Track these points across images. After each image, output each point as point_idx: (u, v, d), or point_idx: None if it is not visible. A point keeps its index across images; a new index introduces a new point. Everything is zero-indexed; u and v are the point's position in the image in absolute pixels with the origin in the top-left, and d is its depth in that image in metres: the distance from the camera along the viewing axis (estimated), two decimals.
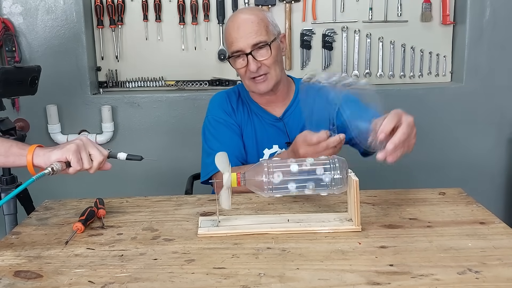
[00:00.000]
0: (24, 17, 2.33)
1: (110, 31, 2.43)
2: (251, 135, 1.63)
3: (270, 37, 1.52)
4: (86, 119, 2.42)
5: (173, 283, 0.92)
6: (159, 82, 2.48)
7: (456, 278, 0.91)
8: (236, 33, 1.51)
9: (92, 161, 1.16)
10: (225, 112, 1.64)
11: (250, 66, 1.51)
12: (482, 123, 2.46)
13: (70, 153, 1.13)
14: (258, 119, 1.65)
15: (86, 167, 1.15)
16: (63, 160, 1.13)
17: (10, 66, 1.58)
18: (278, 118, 1.64)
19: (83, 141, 1.17)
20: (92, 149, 1.16)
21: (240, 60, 1.53)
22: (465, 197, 1.34)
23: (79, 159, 1.13)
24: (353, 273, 0.93)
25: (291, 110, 1.65)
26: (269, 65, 1.52)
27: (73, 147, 1.14)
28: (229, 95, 1.69)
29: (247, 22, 1.51)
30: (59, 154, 1.13)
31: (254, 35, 1.49)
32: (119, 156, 1.21)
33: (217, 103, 1.68)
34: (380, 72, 2.49)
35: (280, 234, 1.12)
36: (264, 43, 1.50)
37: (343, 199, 1.26)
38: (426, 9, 2.44)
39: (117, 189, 2.39)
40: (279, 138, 1.62)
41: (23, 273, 0.98)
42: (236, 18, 1.55)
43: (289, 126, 1.62)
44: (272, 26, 1.55)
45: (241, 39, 1.50)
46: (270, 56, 1.51)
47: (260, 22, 1.51)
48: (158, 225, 1.20)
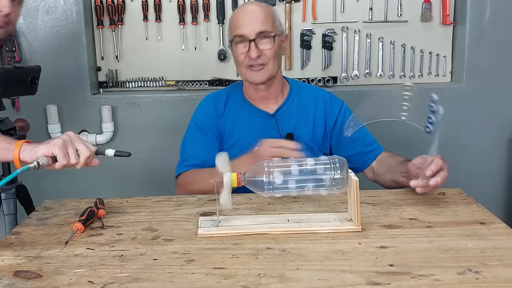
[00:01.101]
0: (24, 17, 2.33)
1: (110, 31, 2.43)
2: (242, 133, 1.63)
3: (275, 30, 1.55)
4: (86, 119, 2.42)
5: (173, 283, 0.92)
6: (159, 82, 2.48)
7: (456, 278, 0.91)
8: (243, 19, 1.54)
9: (79, 156, 1.15)
10: (208, 116, 1.66)
11: (251, 52, 1.52)
12: (482, 123, 2.46)
13: (56, 147, 1.12)
14: (249, 116, 1.65)
15: (73, 162, 1.14)
16: (49, 154, 1.12)
17: (10, 66, 1.57)
18: (271, 115, 1.64)
19: (70, 137, 1.16)
20: (79, 144, 1.15)
21: (242, 45, 1.54)
22: (465, 197, 1.34)
23: (65, 153, 1.12)
24: (353, 273, 0.93)
25: (284, 108, 1.65)
26: (269, 56, 1.54)
27: (59, 141, 1.13)
28: (217, 98, 1.70)
29: (255, 12, 1.55)
30: (45, 149, 1.12)
31: (260, 24, 1.52)
32: (107, 153, 1.20)
33: (202, 106, 1.72)
34: (380, 72, 2.49)
35: (280, 234, 1.12)
36: (269, 33, 1.53)
37: (343, 199, 1.26)
38: (426, 9, 2.44)
39: (117, 189, 2.39)
40: (271, 135, 1.59)
41: (23, 273, 0.98)
42: (245, 7, 1.60)
43: (281, 124, 1.62)
44: (278, 23, 1.59)
45: (247, 25, 1.53)
46: (272, 47, 1.53)
47: (268, 14, 1.55)
48: (158, 225, 1.20)
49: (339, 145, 1.65)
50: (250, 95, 1.67)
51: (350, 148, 1.61)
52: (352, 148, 1.62)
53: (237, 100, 1.68)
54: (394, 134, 2.02)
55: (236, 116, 1.66)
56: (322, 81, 2.46)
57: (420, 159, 1.33)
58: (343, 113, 1.67)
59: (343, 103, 1.70)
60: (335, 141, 1.67)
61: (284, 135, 1.60)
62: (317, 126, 1.65)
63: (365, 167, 1.65)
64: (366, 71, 2.49)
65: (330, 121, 1.66)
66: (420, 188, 1.28)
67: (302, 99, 1.68)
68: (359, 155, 1.64)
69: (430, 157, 1.29)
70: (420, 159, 1.33)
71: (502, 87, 2.45)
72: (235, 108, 1.67)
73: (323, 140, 1.66)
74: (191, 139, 1.68)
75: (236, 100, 1.68)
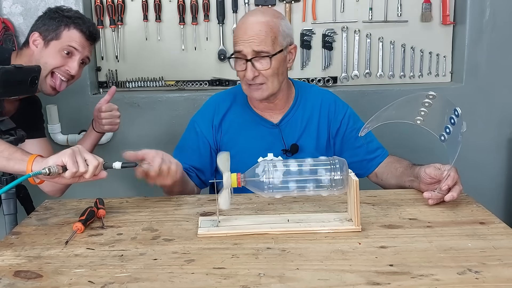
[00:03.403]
0: (24, 17, 2.33)
1: (110, 31, 2.43)
2: (244, 142, 1.60)
3: (275, 48, 1.48)
4: (86, 119, 2.40)
5: (173, 283, 0.92)
6: (159, 82, 2.48)
7: (456, 278, 0.91)
8: (243, 35, 1.48)
9: (88, 165, 1.18)
10: (207, 124, 1.63)
11: (247, 73, 1.49)
12: (482, 123, 2.46)
13: (66, 156, 1.16)
14: (253, 125, 1.62)
15: (82, 170, 1.17)
16: (60, 163, 1.16)
17: (10, 66, 1.58)
18: (275, 125, 1.61)
19: (79, 148, 1.21)
20: (87, 154, 1.20)
21: (241, 63, 1.50)
22: (465, 197, 1.34)
23: (74, 161, 1.16)
24: (353, 273, 0.93)
25: (289, 117, 1.62)
26: (267, 76, 1.49)
27: (68, 151, 1.18)
28: (220, 103, 1.65)
29: (256, 28, 1.47)
30: (55, 158, 1.17)
31: (258, 43, 1.46)
32: (115, 166, 1.24)
33: (203, 111, 1.68)
34: (380, 72, 2.49)
35: (280, 234, 1.12)
36: (266, 54, 1.47)
37: (343, 199, 1.26)
38: (426, 9, 2.44)
39: (117, 189, 2.39)
40: (275, 145, 1.60)
41: (23, 273, 0.98)
42: (248, 19, 1.51)
43: (285, 133, 1.60)
44: (281, 37, 1.50)
45: (245, 42, 1.47)
46: (270, 68, 1.48)
47: (269, 31, 1.47)
48: (158, 225, 1.20)
49: (342, 152, 1.63)
50: (253, 104, 1.63)
51: (353, 155, 1.59)
52: (355, 155, 1.60)
53: (241, 106, 1.64)
54: (397, 135, 2.02)
55: (240, 124, 1.62)
56: (322, 81, 2.46)
57: (434, 170, 1.32)
58: (346, 119, 1.64)
59: (347, 108, 1.66)
60: (338, 148, 1.64)
61: (288, 145, 1.59)
62: (321, 132, 1.63)
63: (368, 174, 1.63)
64: (366, 71, 2.49)
65: (334, 127, 1.63)
66: (433, 200, 1.28)
67: (307, 104, 1.64)
68: (361, 162, 1.62)
69: (444, 167, 1.30)
70: (435, 169, 1.32)
71: (502, 87, 2.45)
72: (239, 115, 1.63)
73: (327, 147, 1.63)
74: (185, 141, 1.67)
75: (240, 106, 1.64)
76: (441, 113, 1.27)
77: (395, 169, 1.55)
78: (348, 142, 1.63)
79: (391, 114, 1.29)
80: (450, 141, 1.25)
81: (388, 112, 1.28)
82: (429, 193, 1.29)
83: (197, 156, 1.62)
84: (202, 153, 1.62)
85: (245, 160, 1.35)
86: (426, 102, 1.27)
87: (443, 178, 1.28)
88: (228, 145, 1.61)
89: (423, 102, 1.27)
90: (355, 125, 1.64)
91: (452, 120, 1.24)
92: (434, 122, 1.28)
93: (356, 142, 1.62)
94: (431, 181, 1.33)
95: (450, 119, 1.24)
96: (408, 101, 1.29)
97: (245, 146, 1.59)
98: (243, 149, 1.59)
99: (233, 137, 1.62)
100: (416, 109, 1.29)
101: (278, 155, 1.59)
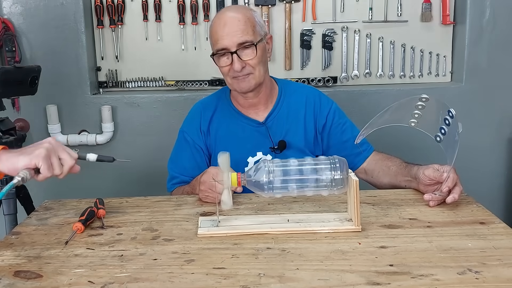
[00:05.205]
0: (24, 17, 2.33)
1: (110, 31, 2.43)
2: (233, 143, 1.59)
3: (256, 37, 1.50)
4: (86, 119, 2.42)
5: (173, 283, 0.92)
6: (159, 82, 2.48)
7: (456, 278, 0.91)
8: (222, 30, 1.49)
9: (63, 166, 1.09)
10: (196, 131, 1.64)
11: (234, 65, 1.49)
12: (482, 123, 2.46)
13: (40, 159, 1.04)
14: (240, 126, 1.62)
15: (57, 173, 1.08)
16: (32, 166, 1.04)
17: (10, 66, 1.58)
18: (261, 123, 1.61)
19: (53, 145, 1.08)
20: (62, 153, 1.09)
21: (225, 58, 1.50)
22: (465, 197, 1.34)
23: (49, 165, 1.05)
24: (353, 273, 0.93)
25: (274, 114, 1.62)
26: (254, 65, 1.50)
27: (42, 152, 1.05)
28: (204, 109, 1.66)
29: (233, 21, 1.49)
30: (27, 160, 1.04)
31: (240, 34, 1.47)
32: (89, 157, 1.17)
33: (189, 119, 1.68)
34: (380, 72, 2.49)
35: (280, 234, 1.12)
36: (250, 42, 1.48)
37: (343, 199, 1.26)
38: (426, 9, 2.44)
39: (117, 189, 2.39)
40: (263, 143, 1.59)
41: (23, 273, 0.98)
42: (223, 16, 1.52)
43: (272, 131, 1.60)
44: (259, 26, 1.53)
45: (227, 37, 1.47)
46: (255, 56, 1.49)
47: (247, 21, 1.49)
48: (158, 225, 1.20)
49: (329, 147, 1.63)
50: (239, 103, 1.63)
51: (340, 150, 1.57)
52: (342, 150, 1.58)
53: (226, 109, 1.64)
54: (393, 136, 2.02)
55: (226, 127, 1.63)
56: (322, 81, 2.45)
57: (433, 172, 1.32)
58: (332, 114, 1.64)
59: (332, 103, 1.67)
60: (325, 143, 1.65)
61: (276, 142, 1.59)
62: (308, 129, 1.63)
63: (355, 168, 1.62)
64: (366, 71, 2.49)
65: (320, 123, 1.64)
66: (434, 202, 1.28)
67: (292, 101, 1.64)
68: (348, 157, 1.60)
69: (443, 167, 1.30)
70: (434, 171, 1.32)
71: (501, 87, 2.45)
72: (225, 118, 1.63)
73: (314, 143, 1.64)
74: (179, 153, 1.67)
75: (224, 109, 1.65)
76: (435, 115, 1.27)
77: (387, 168, 1.55)
78: (334, 137, 1.64)
79: (385, 119, 1.29)
80: (447, 141, 1.25)
81: (382, 118, 1.29)
82: (429, 195, 1.29)
83: (195, 166, 1.61)
84: (198, 162, 1.62)
85: (235, 161, 1.34)
86: (419, 105, 1.27)
87: (442, 179, 1.28)
88: (218, 148, 1.61)
89: (417, 105, 1.28)
90: (340, 119, 1.65)
91: (446, 121, 1.24)
92: (429, 123, 1.29)
93: (342, 136, 1.63)
94: (430, 183, 1.33)
95: (445, 120, 1.25)
96: (401, 105, 1.30)
97: (234, 147, 1.57)
98: (232, 151, 1.56)
99: (222, 140, 1.62)
100: (410, 112, 1.29)
101: (267, 153, 1.60)
